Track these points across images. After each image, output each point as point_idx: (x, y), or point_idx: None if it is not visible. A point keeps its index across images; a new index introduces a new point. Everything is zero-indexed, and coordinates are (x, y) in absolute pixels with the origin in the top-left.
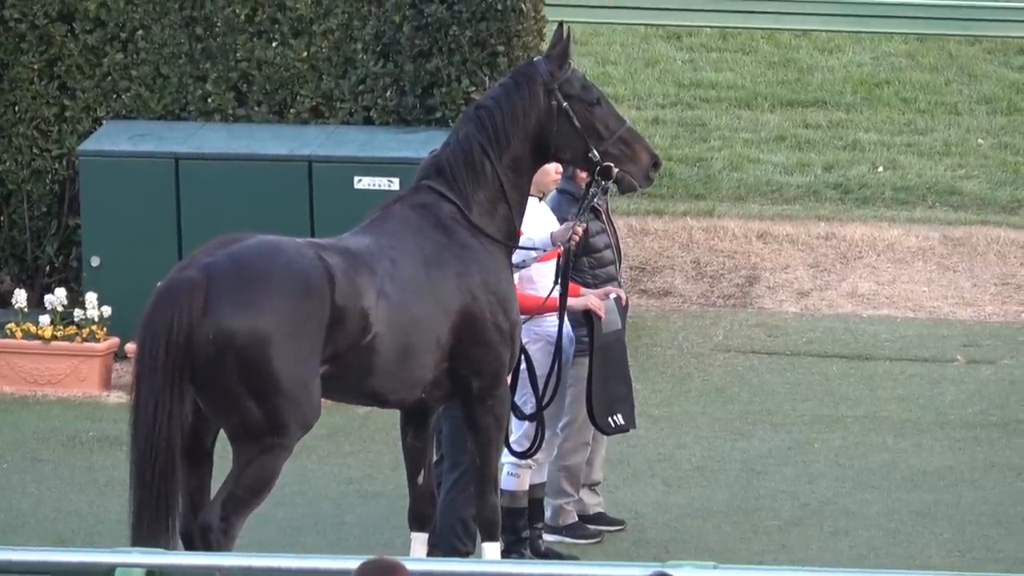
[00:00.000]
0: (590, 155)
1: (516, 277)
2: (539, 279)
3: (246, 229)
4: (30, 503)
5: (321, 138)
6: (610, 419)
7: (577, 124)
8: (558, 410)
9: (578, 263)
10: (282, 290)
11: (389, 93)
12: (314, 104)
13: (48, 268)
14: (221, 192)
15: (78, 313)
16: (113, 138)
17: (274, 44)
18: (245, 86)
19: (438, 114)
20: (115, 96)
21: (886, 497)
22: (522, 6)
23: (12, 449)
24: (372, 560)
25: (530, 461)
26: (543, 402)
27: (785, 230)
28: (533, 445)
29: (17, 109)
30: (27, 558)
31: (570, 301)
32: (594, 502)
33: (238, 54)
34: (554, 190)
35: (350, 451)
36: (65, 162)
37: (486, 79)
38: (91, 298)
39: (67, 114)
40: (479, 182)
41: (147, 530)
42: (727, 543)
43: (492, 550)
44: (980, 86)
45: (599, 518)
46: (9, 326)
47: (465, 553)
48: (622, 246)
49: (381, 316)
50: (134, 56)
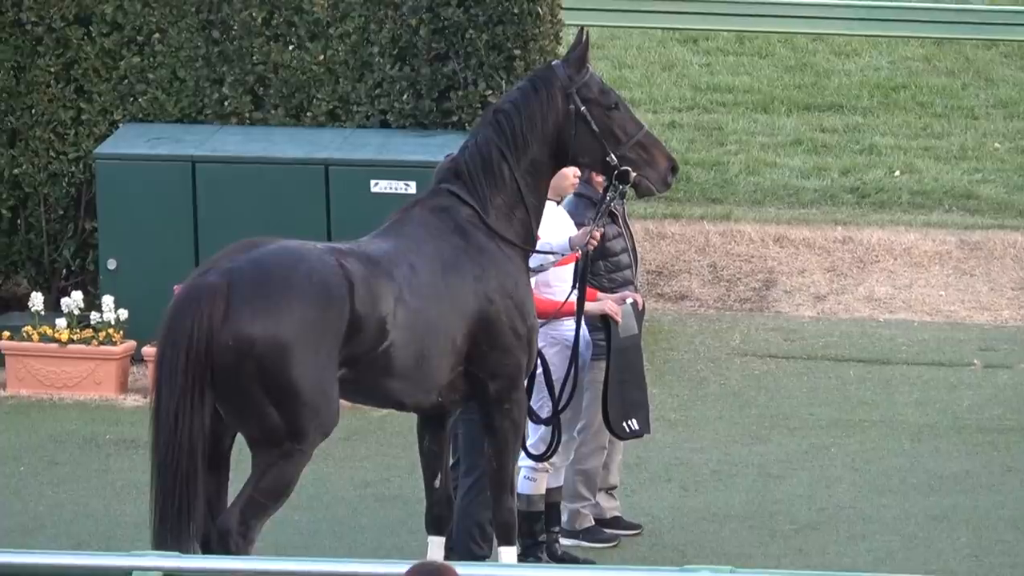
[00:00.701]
0: (608, 159)
1: (533, 281)
2: (556, 283)
3: (263, 232)
4: (47, 506)
5: (338, 141)
6: (625, 424)
7: (595, 128)
8: (575, 414)
9: (595, 267)
10: (302, 297)
11: (406, 97)
12: (331, 107)
13: (65, 271)
14: (238, 195)
15: (95, 316)
16: (130, 141)
17: (291, 47)
18: (262, 89)
19: (455, 118)
20: (132, 99)
21: (903, 501)
22: (539, 10)
23: (29, 452)
24: (422, 563)
25: (547, 465)
26: (559, 406)
27: (802, 234)
28: (549, 448)
29: (34, 112)
30: (44, 561)
31: (587, 305)
32: (611, 506)
33: (255, 57)
34: (571, 194)
35: (366, 455)
36: (82, 165)
37: (503, 83)
38: (108, 301)
39: (84, 117)
40: (497, 186)
41: (169, 534)
42: (744, 547)
43: (508, 554)
44: (997, 90)
45: (616, 522)
46: (26, 329)
47: (482, 557)
48: (639, 250)
49: (399, 322)
50: (151, 59)
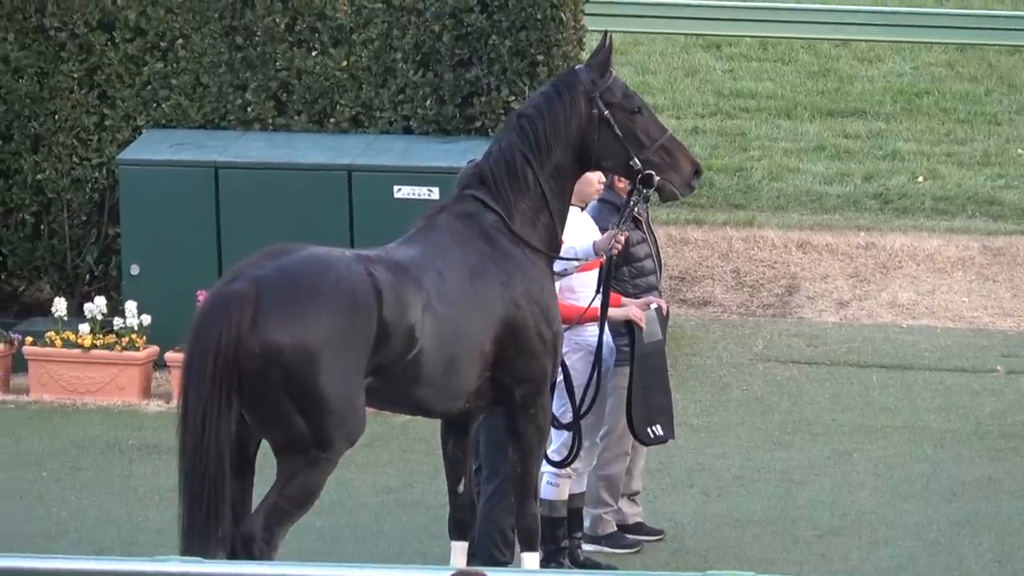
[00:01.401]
0: (631, 163)
1: (557, 286)
2: (580, 289)
3: (285, 238)
4: (70, 511)
5: (361, 147)
6: (649, 430)
7: (619, 132)
8: (598, 420)
9: (619, 273)
10: (330, 306)
11: (429, 102)
12: (354, 113)
13: (88, 277)
14: (260, 201)
15: (118, 322)
16: (153, 147)
17: (314, 53)
18: (285, 95)
19: (478, 123)
20: (155, 105)
21: (925, 507)
22: (562, 16)
23: (52, 457)
24: (460, 571)
25: (569, 471)
26: (580, 411)
27: (825, 240)
28: (570, 454)
29: (57, 118)
30: (67, 566)
31: (611, 311)
32: (633, 512)
33: (278, 63)
34: (595, 199)
35: (389, 460)
36: (105, 171)
37: (526, 88)
38: (131, 307)
39: (107, 123)
40: (521, 191)
41: (197, 539)
42: (766, 553)
43: (531, 560)
44: (1020, 96)
45: (638, 528)
46: (49, 335)
47: (504, 563)
48: (662, 255)
49: (427, 330)
50: (174, 65)
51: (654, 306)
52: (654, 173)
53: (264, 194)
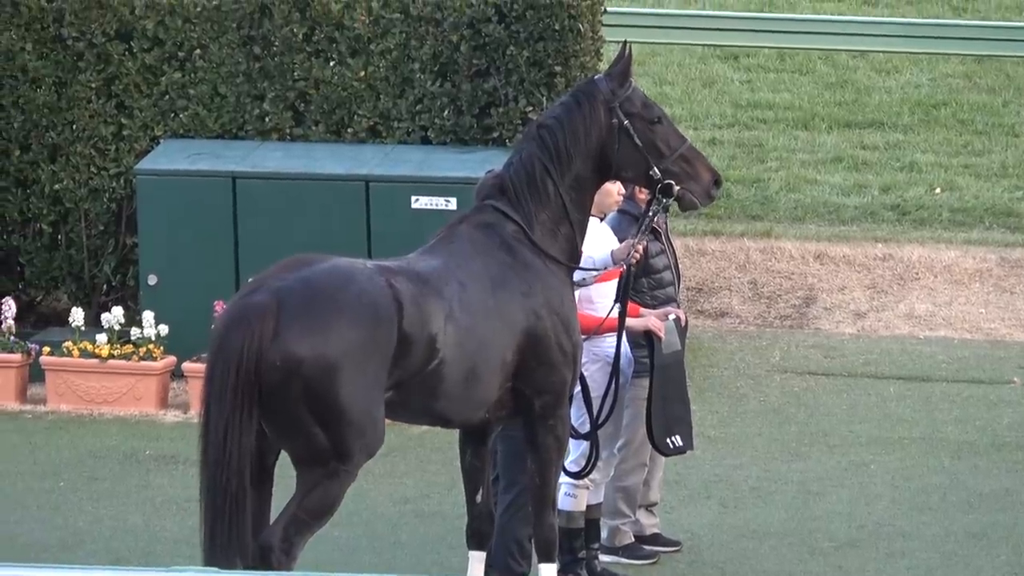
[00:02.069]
0: (651, 173)
1: (576, 296)
2: (599, 299)
3: (303, 249)
4: (87, 521)
5: (378, 158)
6: (668, 440)
7: (638, 142)
8: (615, 431)
9: (638, 284)
10: (351, 318)
11: (446, 113)
12: (371, 124)
13: (105, 287)
14: (278, 211)
15: (135, 332)
16: (170, 157)
17: (332, 64)
18: (302, 105)
19: (495, 134)
20: (173, 115)
21: (943, 519)
22: (580, 26)
23: (69, 467)
24: None
25: (587, 481)
26: (598, 422)
27: (842, 251)
28: (588, 465)
29: (75, 128)
30: None
31: (630, 321)
32: (651, 523)
33: (296, 73)
34: (614, 210)
35: (406, 471)
36: (123, 181)
37: (543, 99)
38: (148, 317)
39: (125, 133)
40: (541, 201)
41: (220, 551)
42: (783, 564)
43: (548, 571)
44: None
45: (655, 539)
46: (66, 345)
47: (521, 574)
48: (680, 266)
49: (448, 341)
50: (192, 75)
51: (672, 317)
52: (674, 183)
53: (281, 204)
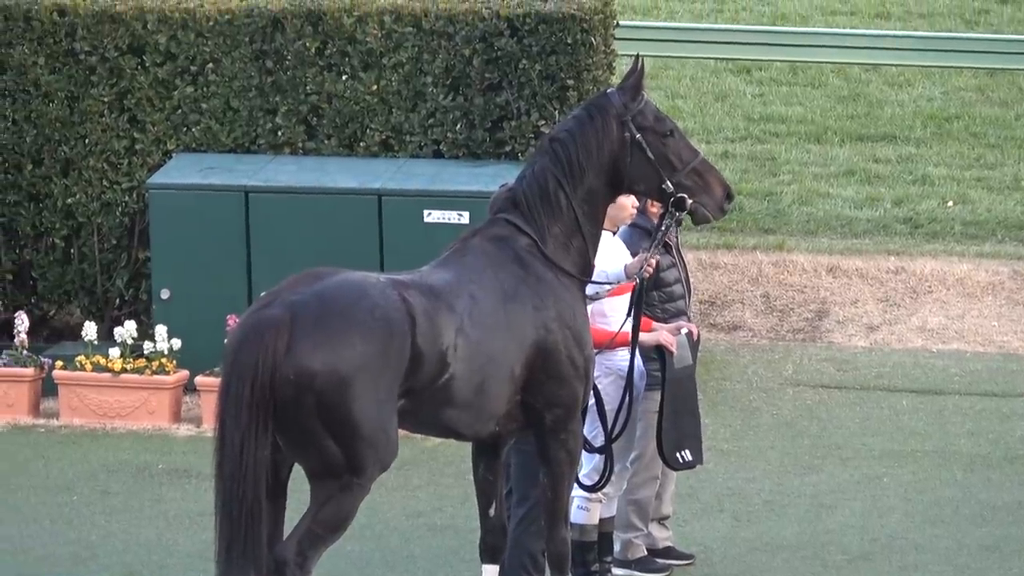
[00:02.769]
0: (664, 186)
1: (588, 310)
2: (611, 313)
3: (315, 263)
4: (99, 535)
5: (391, 171)
6: (678, 454)
7: (651, 155)
8: (628, 444)
9: (649, 297)
10: (364, 333)
11: (459, 127)
12: (384, 137)
13: (118, 301)
14: (291, 225)
15: (148, 346)
16: (183, 171)
17: (344, 77)
18: (315, 119)
19: (508, 147)
20: (185, 129)
21: (955, 532)
22: (592, 40)
23: (82, 481)
24: None
25: (600, 495)
26: (612, 435)
27: (855, 264)
28: (602, 478)
29: (87, 142)
30: None
31: (642, 336)
32: (663, 536)
33: (308, 87)
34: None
35: (418, 484)
36: (135, 195)
37: (556, 113)
38: (161, 331)
39: (137, 147)
40: (554, 215)
41: (236, 565)
42: None
43: None
44: None
45: (668, 552)
46: (79, 359)
47: None
48: (691, 280)
49: (460, 354)
50: (204, 89)
51: (685, 331)
52: (686, 196)
53: (294, 218)
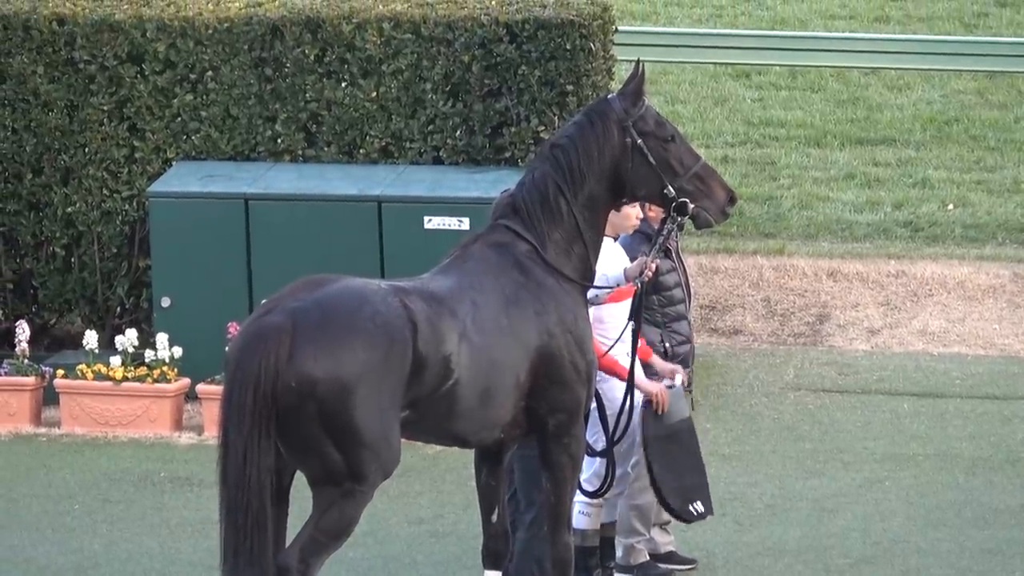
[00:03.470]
0: (665, 191)
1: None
2: (609, 319)
3: (316, 270)
4: (101, 544)
5: (391, 178)
6: (691, 507)
7: (652, 161)
8: (629, 449)
9: (649, 301)
10: (366, 340)
11: (458, 133)
12: (383, 144)
13: (119, 309)
14: (291, 232)
15: (149, 354)
16: (183, 179)
17: (343, 84)
18: (314, 126)
19: (507, 154)
20: (185, 137)
21: (957, 535)
22: (591, 45)
23: (83, 490)
24: None
25: (601, 500)
26: (614, 439)
27: (855, 268)
28: (604, 484)
29: (87, 150)
30: None
31: (638, 381)
32: (665, 541)
33: (307, 95)
34: None
35: (420, 491)
36: (135, 203)
37: (555, 118)
38: (162, 339)
39: (137, 155)
40: (555, 220)
41: (241, 573)
42: None
43: None
44: None
45: (670, 557)
46: (80, 367)
47: None
48: (692, 285)
49: (463, 361)
50: (204, 97)
51: (678, 380)
52: (688, 201)
53: (294, 226)
